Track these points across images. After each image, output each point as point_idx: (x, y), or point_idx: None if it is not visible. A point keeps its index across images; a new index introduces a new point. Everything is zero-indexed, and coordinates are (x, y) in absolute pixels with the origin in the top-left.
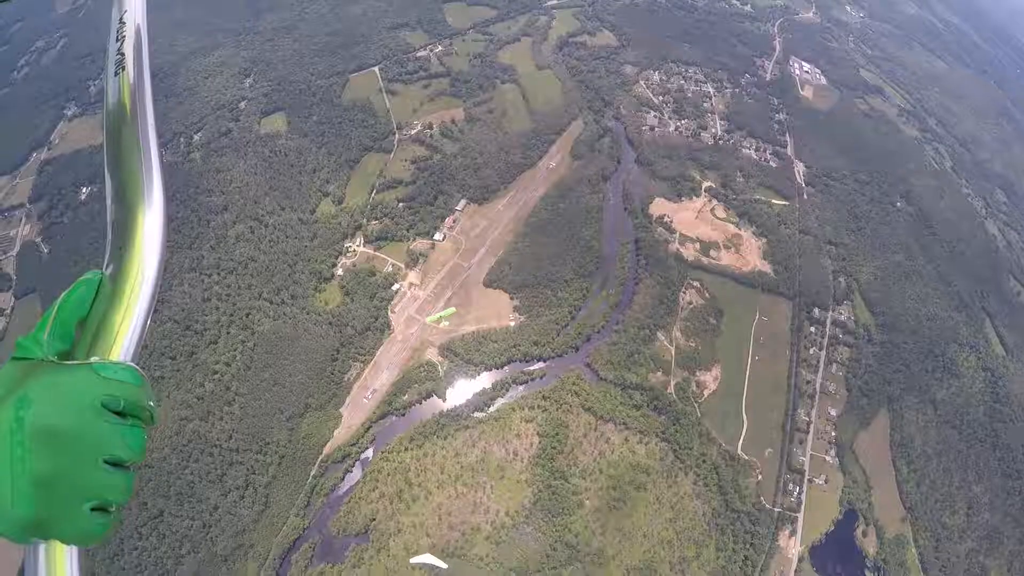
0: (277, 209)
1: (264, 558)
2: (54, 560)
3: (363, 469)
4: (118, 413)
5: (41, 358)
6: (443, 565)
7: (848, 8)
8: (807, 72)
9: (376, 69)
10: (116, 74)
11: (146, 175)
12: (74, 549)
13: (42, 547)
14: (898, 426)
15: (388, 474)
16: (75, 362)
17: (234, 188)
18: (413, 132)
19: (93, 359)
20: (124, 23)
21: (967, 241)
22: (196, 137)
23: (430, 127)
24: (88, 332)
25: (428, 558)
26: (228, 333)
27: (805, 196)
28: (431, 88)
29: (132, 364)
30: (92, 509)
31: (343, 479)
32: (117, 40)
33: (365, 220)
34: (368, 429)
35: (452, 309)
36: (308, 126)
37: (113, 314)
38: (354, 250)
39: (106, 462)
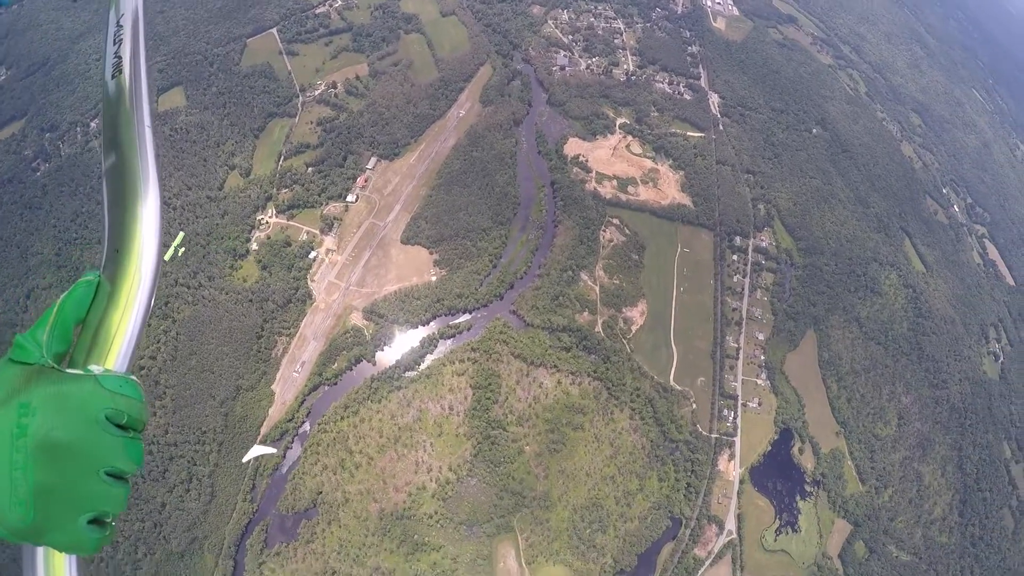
0: (184, 189)
1: (219, 548)
2: (52, 561)
3: (302, 444)
4: (120, 426)
5: (41, 363)
6: (272, 450)
7: None
8: (719, 3)
9: (274, 31)
10: (113, 77)
11: (143, 178)
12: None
13: (40, 548)
14: (825, 345)
15: (328, 445)
16: (78, 371)
17: None
18: (317, 93)
19: (95, 368)
20: (121, 26)
21: (883, 164)
22: (93, 124)
23: (334, 86)
24: (87, 334)
25: (256, 450)
26: (149, 325)
27: (721, 127)
28: (333, 45)
29: (134, 378)
30: (89, 521)
31: (284, 456)
32: (114, 43)
33: (275, 190)
34: (302, 403)
35: (181, 234)
36: (208, 98)
37: (111, 316)
38: (267, 222)
39: (107, 474)
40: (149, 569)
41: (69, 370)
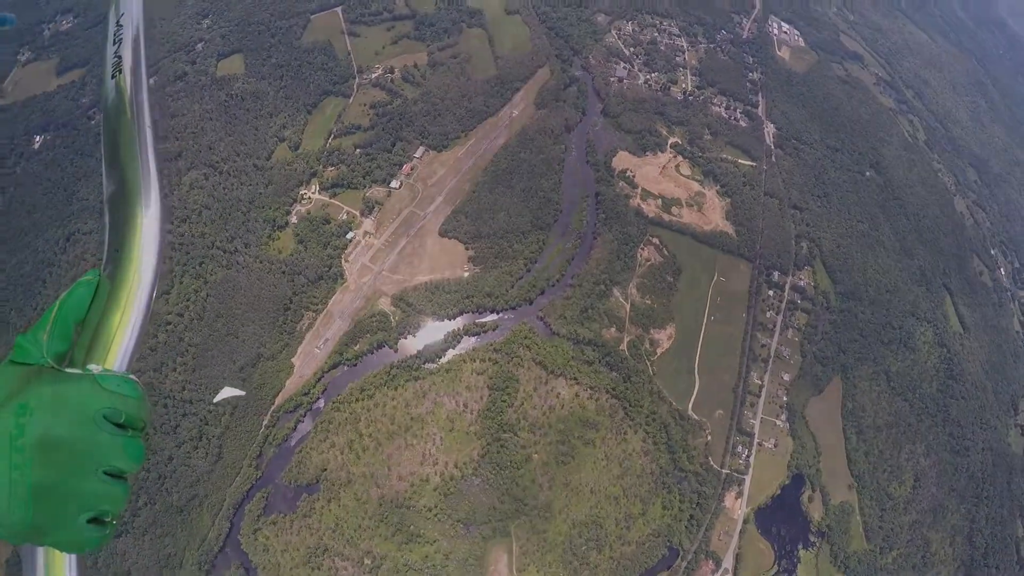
0: (232, 155)
1: (218, 508)
2: (52, 560)
3: (314, 419)
4: (119, 425)
5: (41, 364)
6: (241, 392)
7: None
8: (786, 33)
9: (339, 10)
10: (113, 76)
11: (144, 178)
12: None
13: (40, 548)
14: (850, 395)
15: (339, 424)
16: (76, 371)
17: (189, 134)
18: (374, 76)
19: (94, 367)
20: (121, 25)
21: (934, 216)
22: (151, 82)
23: (391, 71)
24: (87, 333)
25: (226, 391)
26: (181, 283)
27: (773, 158)
28: (395, 31)
29: (132, 376)
30: (88, 520)
31: (295, 429)
32: (114, 43)
33: (321, 166)
34: (320, 379)
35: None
36: (266, 69)
37: (111, 316)
38: (309, 197)
39: (105, 473)
40: (147, 518)
41: (68, 370)
